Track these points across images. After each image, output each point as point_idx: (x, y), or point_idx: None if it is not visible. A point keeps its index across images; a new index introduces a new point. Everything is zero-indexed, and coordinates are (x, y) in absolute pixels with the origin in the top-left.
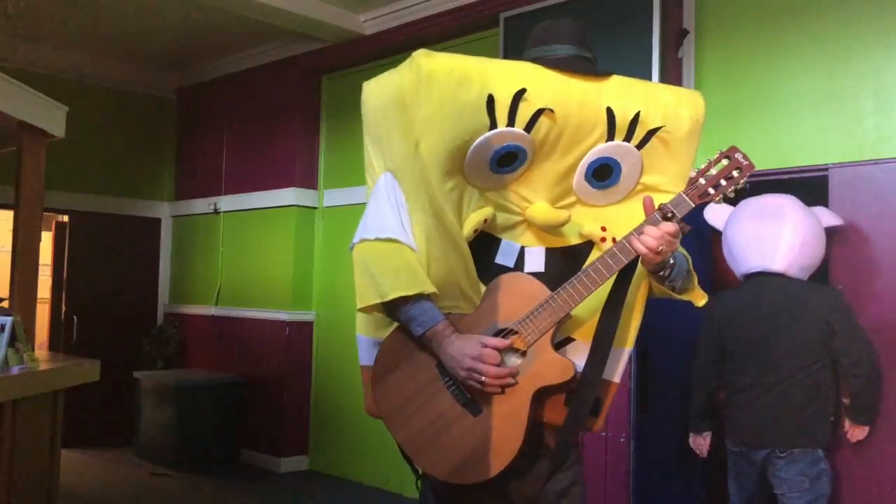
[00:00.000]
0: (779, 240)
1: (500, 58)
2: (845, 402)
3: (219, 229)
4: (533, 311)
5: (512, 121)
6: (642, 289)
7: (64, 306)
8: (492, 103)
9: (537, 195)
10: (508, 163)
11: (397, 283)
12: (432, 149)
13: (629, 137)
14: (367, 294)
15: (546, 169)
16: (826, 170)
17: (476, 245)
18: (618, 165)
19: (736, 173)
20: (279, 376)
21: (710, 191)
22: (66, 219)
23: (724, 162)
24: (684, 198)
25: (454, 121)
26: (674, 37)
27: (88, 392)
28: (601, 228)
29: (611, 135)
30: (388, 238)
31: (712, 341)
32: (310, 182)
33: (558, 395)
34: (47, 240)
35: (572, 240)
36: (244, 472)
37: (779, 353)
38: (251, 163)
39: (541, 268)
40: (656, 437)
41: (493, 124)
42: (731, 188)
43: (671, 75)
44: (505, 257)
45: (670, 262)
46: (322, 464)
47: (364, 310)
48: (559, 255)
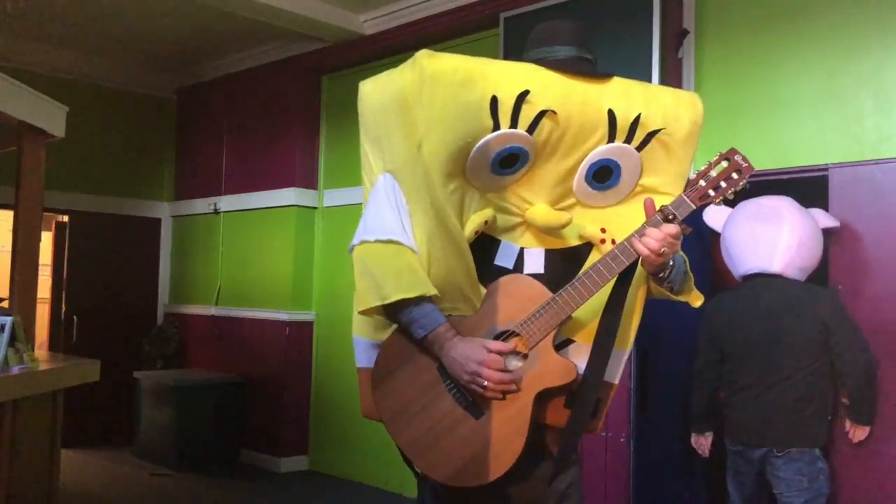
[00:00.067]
0: (776, 241)
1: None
2: (845, 402)
3: (219, 229)
4: (534, 313)
5: (515, 122)
6: (642, 290)
7: (64, 306)
8: (495, 105)
9: (537, 197)
10: (510, 164)
11: (399, 285)
12: (435, 150)
13: (629, 139)
14: (368, 296)
15: (547, 170)
16: (826, 170)
17: (475, 246)
18: (618, 167)
19: (735, 175)
20: (279, 376)
21: (710, 193)
22: (66, 219)
23: (724, 164)
24: (685, 199)
25: (457, 122)
26: (674, 37)
27: (88, 392)
28: (601, 230)
29: (611, 136)
30: (389, 240)
31: (711, 342)
32: (310, 182)
33: (559, 397)
34: (47, 240)
35: (572, 241)
36: (244, 472)
37: (777, 353)
38: (251, 163)
39: (540, 269)
40: (656, 437)
41: (496, 126)
42: (731, 190)
43: (671, 75)
44: (504, 259)
45: (670, 263)
46: (322, 464)
47: (364, 312)
48: (558, 257)
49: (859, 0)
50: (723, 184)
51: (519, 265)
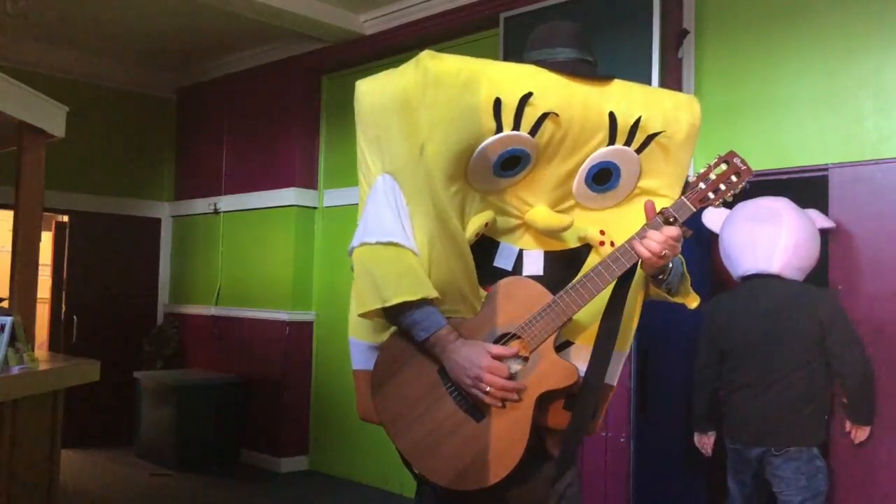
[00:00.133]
0: (774, 242)
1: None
2: (844, 402)
3: (219, 229)
4: (535, 316)
5: (518, 124)
6: (640, 293)
7: (64, 306)
8: (498, 106)
9: (537, 199)
10: (512, 166)
11: (400, 287)
12: (438, 152)
13: (629, 142)
14: (369, 299)
15: (548, 173)
16: (826, 170)
17: (474, 248)
18: (617, 169)
19: (735, 178)
20: (279, 376)
21: (710, 195)
22: (66, 219)
23: (723, 166)
24: (685, 202)
25: (461, 124)
26: (674, 37)
27: (88, 392)
28: (600, 232)
29: (612, 139)
30: (390, 242)
31: (711, 342)
32: (310, 182)
33: (558, 399)
34: (47, 240)
35: (571, 243)
36: (244, 472)
37: (775, 353)
38: (251, 163)
39: (539, 271)
40: (656, 437)
41: (499, 128)
42: (730, 193)
43: (671, 75)
44: (503, 260)
45: (669, 265)
46: (322, 464)
47: (365, 315)
48: (557, 259)
49: (859, 0)
50: (722, 186)
51: (518, 267)
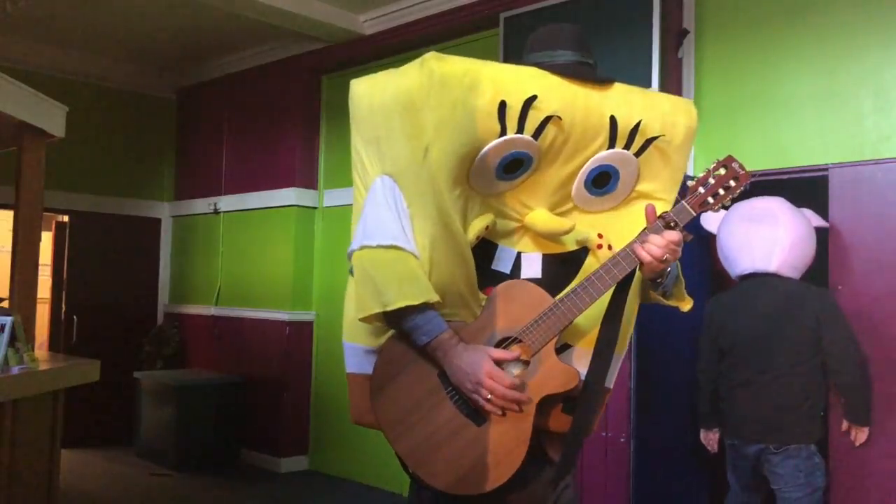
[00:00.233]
0: (771, 241)
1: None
2: (842, 400)
3: (219, 229)
4: (536, 320)
5: (521, 127)
6: (637, 297)
7: (64, 306)
8: (503, 109)
9: (537, 202)
10: (514, 169)
11: (401, 291)
12: (443, 154)
13: (629, 145)
14: (369, 303)
15: (548, 176)
16: (826, 170)
17: (473, 251)
18: (616, 173)
19: (733, 182)
20: (279, 376)
21: (709, 200)
22: (66, 219)
23: (722, 171)
24: (686, 206)
25: (466, 126)
26: (674, 37)
27: (88, 392)
28: (598, 235)
29: (612, 142)
30: (391, 245)
31: (711, 341)
32: (310, 182)
33: (558, 403)
34: (47, 240)
35: (569, 246)
36: (244, 472)
37: (773, 350)
38: (251, 163)
39: (538, 274)
40: (656, 437)
41: (503, 131)
42: (729, 198)
43: (671, 75)
44: (502, 263)
45: (667, 269)
46: (322, 464)
47: (365, 319)
48: (555, 261)
49: (859, 0)
50: (721, 191)
51: (516, 269)
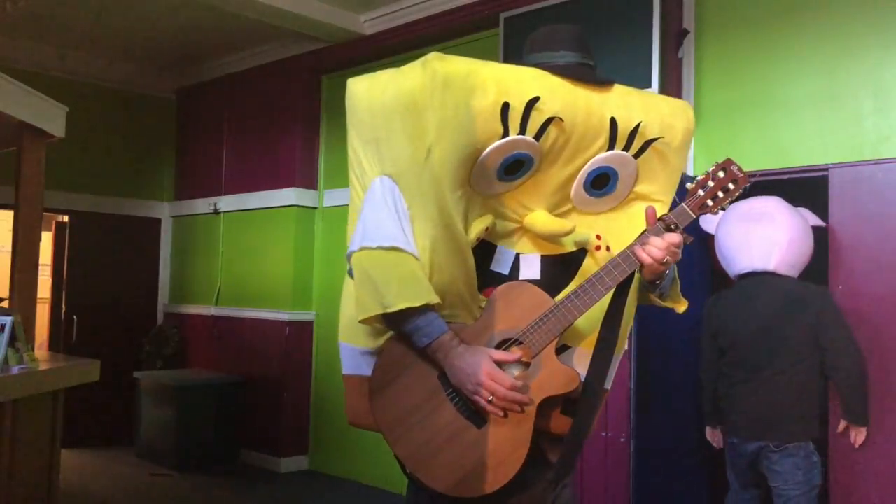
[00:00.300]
0: (768, 240)
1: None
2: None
3: (219, 229)
4: (537, 321)
5: (523, 129)
6: (635, 298)
7: (64, 306)
8: (506, 110)
9: (536, 203)
10: (515, 171)
11: (402, 293)
12: (446, 155)
13: (628, 147)
14: (370, 305)
15: (548, 177)
16: (826, 170)
17: (472, 252)
18: (615, 174)
19: (732, 185)
20: (279, 376)
21: (708, 202)
22: (66, 219)
23: (721, 174)
24: (685, 209)
25: (469, 127)
26: (674, 37)
27: (88, 392)
28: (596, 236)
29: (611, 144)
30: (392, 247)
31: (712, 340)
32: (310, 182)
33: (558, 404)
34: (47, 240)
35: (567, 247)
36: (244, 472)
37: (772, 349)
38: (251, 163)
39: (536, 275)
40: (656, 437)
41: (506, 132)
42: (728, 200)
43: (671, 75)
44: (500, 265)
45: (666, 271)
46: (322, 464)
47: (365, 321)
48: (554, 262)
49: (859, 0)
50: (720, 194)
51: (515, 271)
